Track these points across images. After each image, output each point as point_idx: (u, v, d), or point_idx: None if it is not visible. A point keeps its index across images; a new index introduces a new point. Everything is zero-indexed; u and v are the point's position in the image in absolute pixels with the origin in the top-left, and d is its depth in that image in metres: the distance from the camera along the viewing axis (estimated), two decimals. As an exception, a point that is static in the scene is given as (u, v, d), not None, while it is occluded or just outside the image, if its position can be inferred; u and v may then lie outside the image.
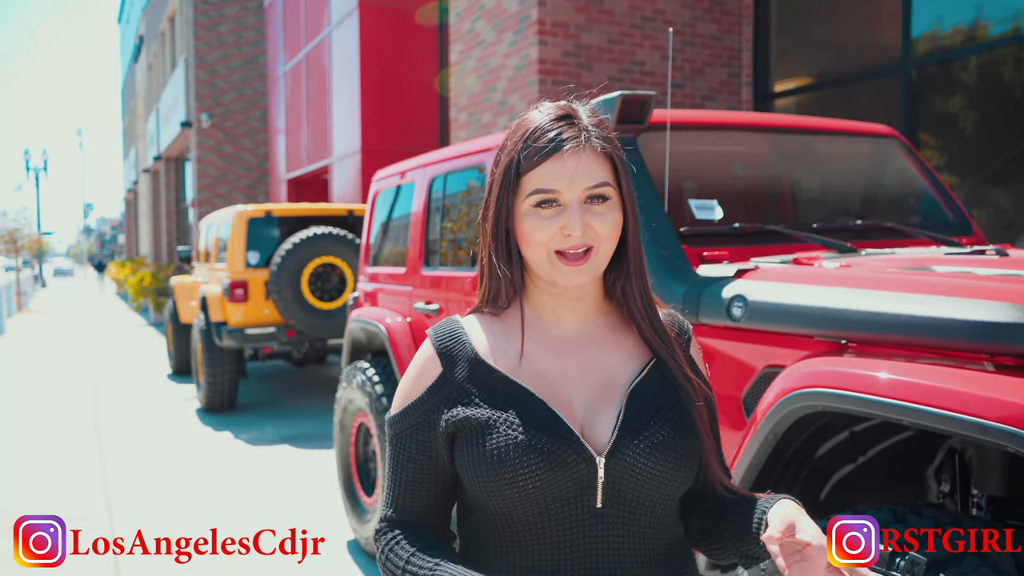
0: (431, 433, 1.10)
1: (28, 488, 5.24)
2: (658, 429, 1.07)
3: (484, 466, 1.04)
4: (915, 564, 1.42)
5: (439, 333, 1.15)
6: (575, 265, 1.06)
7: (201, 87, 18.25)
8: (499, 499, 1.05)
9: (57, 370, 10.73)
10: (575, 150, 1.05)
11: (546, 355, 1.12)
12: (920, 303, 1.67)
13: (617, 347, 1.14)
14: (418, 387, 1.12)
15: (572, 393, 1.10)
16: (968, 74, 5.79)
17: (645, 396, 1.09)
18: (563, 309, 1.13)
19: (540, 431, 1.04)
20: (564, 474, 1.03)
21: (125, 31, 39.62)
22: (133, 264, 25.36)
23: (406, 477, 1.12)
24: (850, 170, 3.13)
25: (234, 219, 7.77)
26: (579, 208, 1.05)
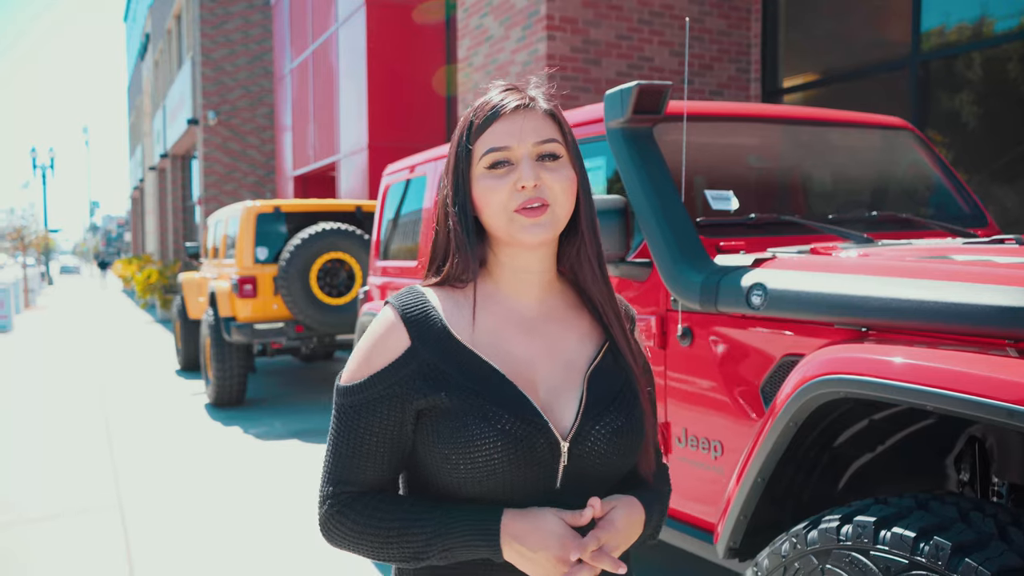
0: (396, 407, 1.06)
1: (39, 481, 5.26)
2: (617, 415, 1.08)
3: (451, 447, 1.03)
4: (940, 549, 1.42)
5: (404, 302, 1.10)
6: (533, 217, 1.05)
7: (208, 84, 18.28)
8: (460, 479, 1.05)
9: (66, 366, 10.77)
10: (521, 109, 1.07)
11: (513, 333, 1.11)
12: (941, 289, 1.67)
13: (574, 328, 1.14)
14: (381, 358, 1.07)
15: (538, 375, 1.09)
16: (976, 70, 5.77)
17: (602, 380, 1.10)
18: (523, 283, 1.12)
19: (512, 415, 1.04)
20: (531, 458, 1.04)
21: (131, 29, 39.70)
22: (140, 261, 25.43)
23: (363, 451, 1.07)
24: (864, 162, 3.13)
25: (243, 215, 7.78)
26: (531, 163, 1.06)
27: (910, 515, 1.53)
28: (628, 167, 2.37)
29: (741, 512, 1.94)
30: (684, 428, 2.31)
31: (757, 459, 1.86)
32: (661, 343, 2.37)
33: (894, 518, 1.53)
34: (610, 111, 2.45)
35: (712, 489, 2.22)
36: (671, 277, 2.20)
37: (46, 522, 4.47)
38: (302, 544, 4.10)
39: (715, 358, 2.19)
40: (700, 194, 2.50)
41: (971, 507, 1.53)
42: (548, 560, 1.00)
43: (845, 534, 1.57)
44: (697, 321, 2.24)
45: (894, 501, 1.61)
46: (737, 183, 2.69)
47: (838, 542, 1.58)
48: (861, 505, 1.63)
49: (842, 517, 1.61)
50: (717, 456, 2.19)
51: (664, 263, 2.22)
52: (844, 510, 1.64)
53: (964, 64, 5.84)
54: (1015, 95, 5.50)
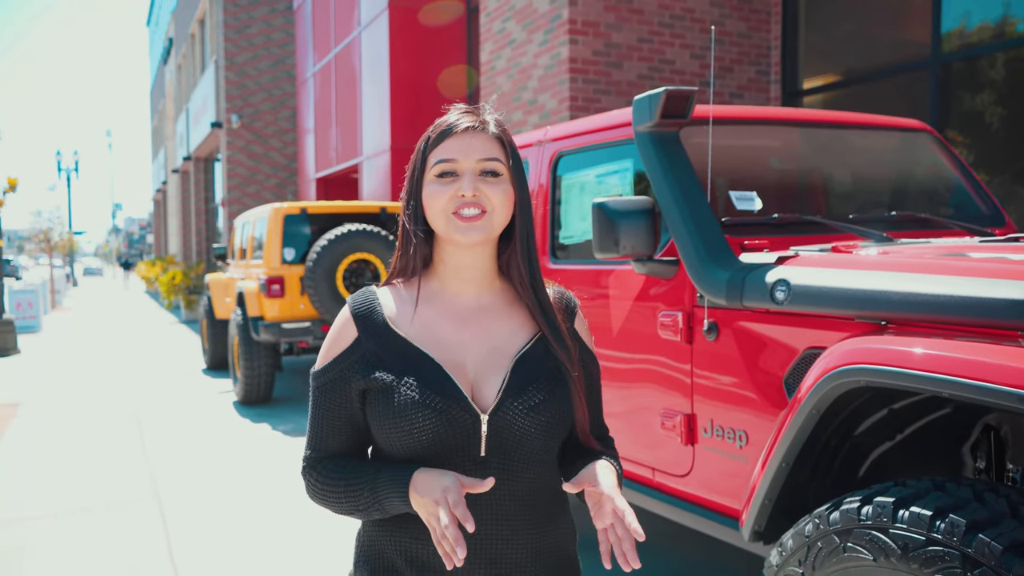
0: (346, 388, 1.27)
1: (78, 475, 5.43)
2: (536, 393, 1.24)
3: (387, 420, 1.22)
4: (955, 526, 1.52)
5: (356, 302, 1.31)
6: (469, 223, 1.22)
7: (231, 88, 18.53)
8: (400, 446, 1.24)
9: (95, 365, 10.99)
10: (471, 130, 1.25)
11: (447, 323, 1.29)
12: (957, 284, 1.76)
13: (509, 320, 1.31)
14: (336, 348, 1.29)
15: (466, 358, 1.27)
16: (998, 70, 5.82)
17: (529, 364, 1.27)
18: (461, 279, 1.30)
19: (434, 391, 1.21)
20: (453, 427, 1.21)
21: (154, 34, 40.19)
22: (163, 263, 25.76)
23: (325, 423, 1.29)
24: (883, 163, 3.21)
25: (271, 216, 7.95)
26: (473, 176, 1.23)
27: (927, 496, 1.62)
28: (656, 169, 2.48)
29: (766, 497, 2.04)
30: (710, 419, 2.41)
31: (781, 446, 1.96)
32: (687, 338, 2.47)
33: (912, 498, 1.63)
34: (638, 115, 2.56)
35: (737, 477, 2.32)
36: (698, 274, 2.30)
37: (87, 514, 4.63)
38: (334, 535, 4.24)
39: (740, 352, 2.29)
40: (723, 195, 2.60)
41: (985, 488, 1.63)
42: (428, 504, 1.14)
43: (866, 514, 1.67)
44: (722, 317, 2.35)
45: (912, 483, 1.71)
46: (759, 184, 2.79)
47: (859, 522, 1.68)
48: (880, 487, 1.73)
49: (863, 498, 1.71)
50: (742, 445, 2.29)
51: (691, 261, 2.32)
52: (864, 492, 1.74)
53: (985, 65, 5.89)
54: (1035, 96, 5.54)
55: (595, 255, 2.48)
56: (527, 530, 1.27)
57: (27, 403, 8.14)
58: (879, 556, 1.62)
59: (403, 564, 1.28)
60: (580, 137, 3.05)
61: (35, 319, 15.92)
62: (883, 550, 1.61)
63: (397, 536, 1.29)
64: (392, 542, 1.29)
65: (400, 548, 1.28)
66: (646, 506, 2.71)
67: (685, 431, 2.48)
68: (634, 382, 2.70)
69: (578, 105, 6.72)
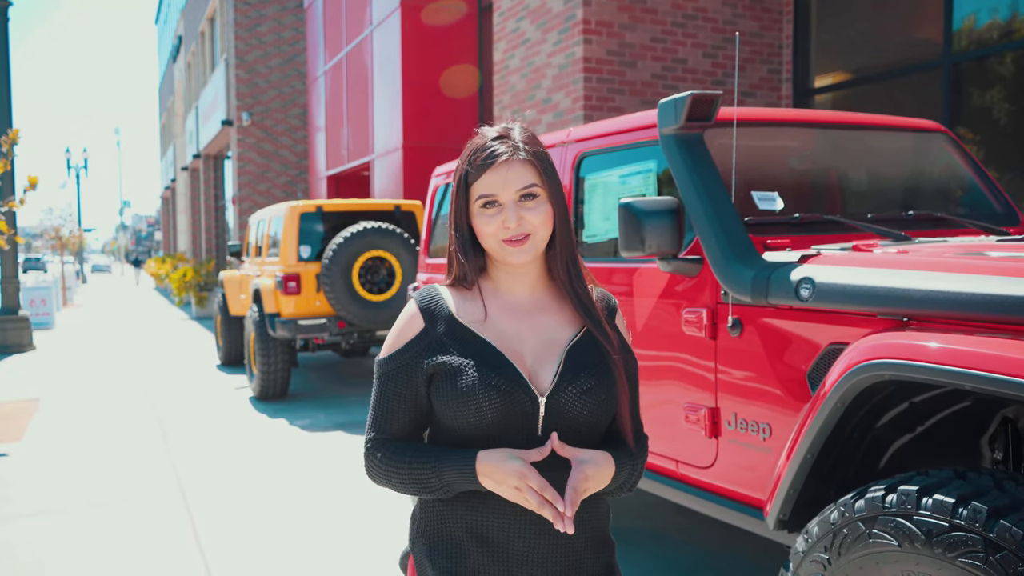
0: (412, 374, 1.39)
1: (102, 468, 5.54)
2: (587, 378, 1.37)
3: (455, 400, 1.34)
4: (977, 512, 1.60)
5: (423, 296, 1.44)
6: (517, 247, 1.37)
7: (241, 86, 18.64)
8: (465, 425, 1.35)
9: (110, 361, 11.12)
10: (507, 161, 1.36)
11: (505, 317, 1.42)
12: (979, 282, 1.84)
13: (559, 314, 1.44)
14: (404, 337, 1.41)
15: (524, 348, 1.40)
16: (1008, 69, 5.87)
17: (580, 353, 1.40)
18: (515, 282, 1.44)
19: (497, 375, 1.34)
20: (515, 408, 1.33)
21: (163, 31, 40.35)
22: (172, 260, 25.92)
23: (391, 407, 1.41)
24: (900, 163, 3.28)
25: (287, 214, 8.04)
26: (514, 206, 1.36)
27: (949, 484, 1.70)
28: (681, 171, 2.56)
29: (791, 487, 2.12)
30: (734, 412, 2.49)
31: (807, 437, 2.04)
32: (712, 334, 2.55)
33: (935, 487, 1.71)
34: (664, 118, 2.63)
35: (761, 468, 2.40)
36: (724, 272, 2.38)
37: (114, 506, 4.73)
38: (359, 528, 4.33)
39: (764, 347, 2.37)
40: (748, 195, 2.67)
41: (1005, 477, 1.70)
42: (509, 488, 1.28)
43: (890, 502, 1.75)
44: (746, 313, 2.42)
45: (934, 473, 1.78)
46: (778, 184, 2.87)
47: (883, 509, 1.76)
48: (904, 477, 1.81)
49: (887, 487, 1.79)
50: (766, 438, 2.37)
51: (717, 260, 2.40)
52: (888, 481, 1.82)
53: (996, 64, 5.94)
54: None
55: (621, 253, 2.56)
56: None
57: (47, 399, 8.26)
58: (904, 542, 1.70)
59: (464, 537, 1.39)
60: (603, 138, 3.13)
61: (49, 316, 16.07)
62: (908, 536, 1.69)
63: (459, 511, 1.40)
64: (455, 516, 1.40)
65: (463, 522, 1.40)
66: (670, 497, 2.79)
67: (709, 424, 2.56)
68: (658, 377, 2.78)
69: (592, 104, 6.79)
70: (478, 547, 1.38)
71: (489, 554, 1.38)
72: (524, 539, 1.37)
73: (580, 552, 1.41)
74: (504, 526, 1.37)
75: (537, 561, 1.38)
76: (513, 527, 1.37)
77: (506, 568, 1.38)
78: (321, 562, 3.85)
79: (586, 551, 1.42)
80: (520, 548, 1.37)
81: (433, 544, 1.43)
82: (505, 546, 1.38)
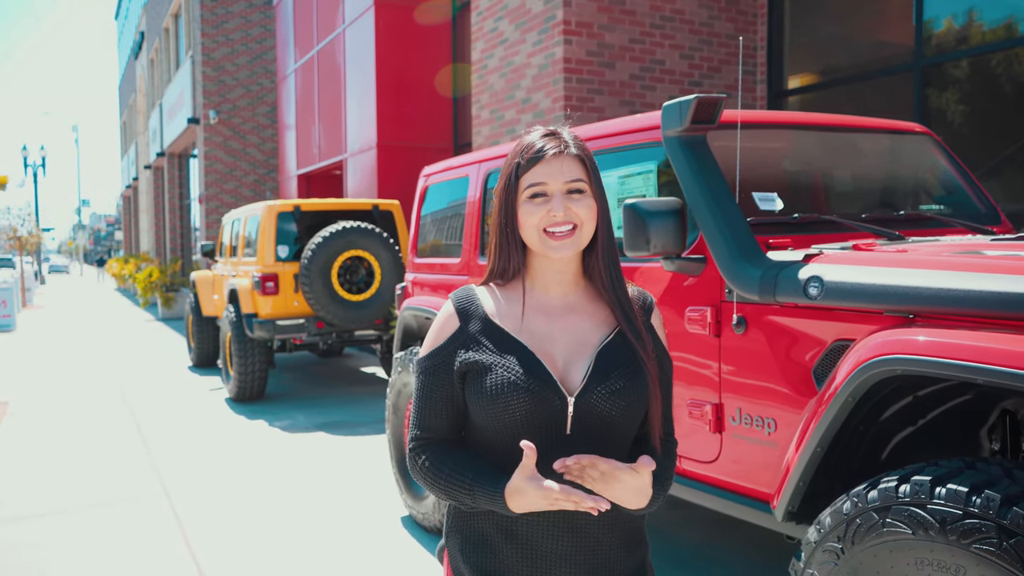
0: (449, 371, 1.42)
1: (82, 471, 5.46)
2: (617, 380, 1.38)
3: (486, 399, 1.37)
4: (990, 500, 1.67)
5: (459, 297, 1.48)
6: (560, 240, 1.39)
7: (208, 84, 18.40)
8: (496, 423, 1.38)
9: (77, 363, 10.92)
10: (557, 154, 1.40)
11: (538, 318, 1.44)
12: (982, 280, 1.92)
13: (593, 315, 1.45)
14: (441, 336, 1.45)
15: (555, 348, 1.42)
16: (978, 72, 6.05)
17: (611, 354, 1.41)
18: (551, 281, 1.45)
19: (528, 374, 1.36)
20: (544, 407, 1.36)
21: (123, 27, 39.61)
22: (136, 260, 25.49)
23: (431, 403, 1.44)
24: (888, 164, 3.38)
25: (264, 214, 7.98)
26: (561, 197, 1.39)
27: (961, 474, 1.77)
28: (686, 172, 2.61)
29: (800, 479, 2.19)
30: (738, 408, 2.55)
31: (818, 431, 2.11)
32: (716, 331, 2.61)
33: (947, 477, 1.78)
34: (668, 120, 2.69)
35: (766, 462, 2.46)
36: (730, 272, 2.44)
37: (98, 509, 4.67)
38: (347, 527, 4.33)
39: (769, 344, 2.43)
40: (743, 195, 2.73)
41: (1013, 466, 1.78)
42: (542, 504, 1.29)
43: (904, 492, 1.82)
44: (750, 311, 2.48)
45: (944, 463, 1.85)
46: (775, 185, 2.94)
47: (897, 499, 1.82)
48: (915, 468, 1.88)
49: (899, 478, 1.86)
50: (771, 432, 2.44)
51: (723, 259, 2.46)
52: (900, 472, 1.89)
53: (966, 67, 6.11)
54: (1015, 98, 5.78)
55: (626, 253, 2.61)
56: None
57: (16, 401, 8.09)
58: (918, 530, 1.76)
59: (494, 532, 1.43)
60: (602, 140, 3.17)
61: (9, 318, 15.72)
62: (922, 524, 1.76)
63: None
64: (486, 512, 1.43)
65: (493, 518, 1.43)
66: (674, 492, 2.84)
67: (713, 420, 2.62)
68: (660, 374, 2.83)
69: (572, 104, 6.85)
70: (507, 543, 1.42)
71: (518, 550, 1.41)
72: (552, 537, 1.40)
73: (611, 551, 1.43)
74: (533, 523, 1.40)
75: (564, 558, 1.40)
76: (541, 524, 1.40)
77: (534, 564, 1.41)
78: (312, 562, 3.85)
79: (617, 550, 1.44)
80: (548, 545, 1.40)
81: (465, 538, 1.47)
82: (533, 542, 1.40)
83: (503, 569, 1.42)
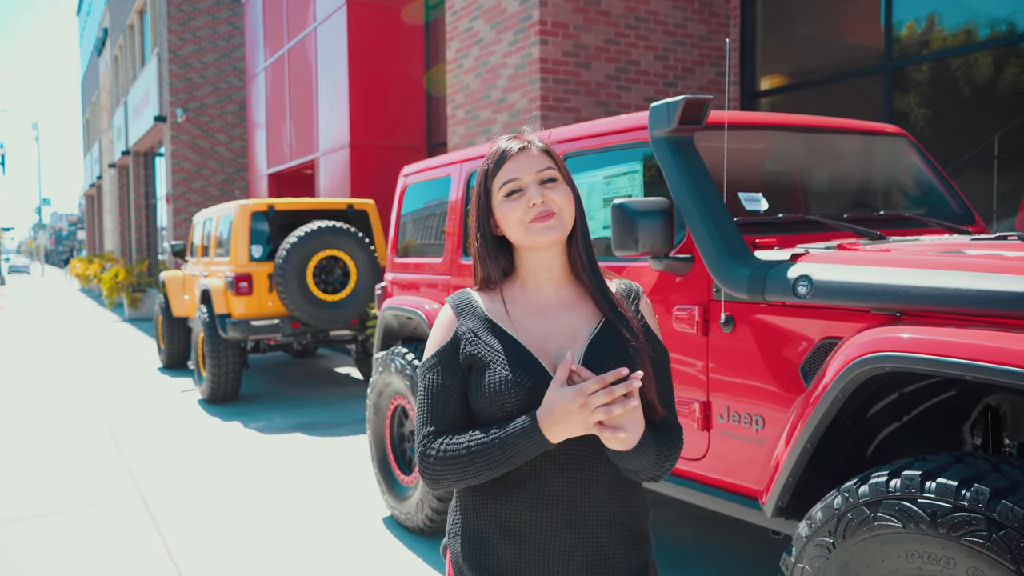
0: (454, 366, 1.45)
1: (55, 476, 5.36)
2: (608, 368, 1.37)
3: (484, 396, 1.40)
4: (980, 494, 1.71)
5: (456, 300, 1.52)
6: (543, 222, 1.42)
7: (175, 81, 18.15)
8: (493, 416, 1.40)
9: (44, 365, 10.71)
10: (523, 150, 1.46)
11: (532, 317, 1.48)
12: (968, 278, 1.96)
13: (583, 309, 1.49)
14: (444, 336, 1.48)
15: (550, 344, 1.45)
16: (946, 74, 6.18)
17: (601, 344, 1.43)
18: (542, 276, 1.48)
19: (524, 372, 1.40)
20: (539, 403, 1.36)
21: (86, 23, 38.87)
22: (101, 260, 25.04)
23: (440, 400, 1.45)
24: (867, 165, 3.44)
25: (237, 213, 7.90)
26: (536, 186, 1.43)
27: (950, 468, 1.82)
28: (674, 173, 2.64)
29: (790, 475, 2.22)
30: (726, 406, 2.59)
31: (807, 428, 2.14)
32: (703, 330, 2.64)
33: (936, 471, 1.82)
34: (656, 121, 2.71)
35: (754, 458, 2.50)
36: (719, 271, 2.47)
37: (75, 514, 4.59)
38: (327, 528, 4.30)
39: (756, 342, 2.47)
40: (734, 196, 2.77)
41: (999, 460, 1.83)
42: (577, 412, 1.29)
43: (894, 487, 1.86)
44: (738, 310, 2.52)
45: (933, 458, 1.90)
46: (758, 186, 2.98)
47: (887, 493, 1.86)
48: (904, 463, 1.92)
49: (890, 473, 1.90)
50: (759, 429, 2.47)
51: (712, 259, 2.49)
52: (890, 467, 1.93)
53: (934, 70, 6.24)
54: (980, 100, 5.91)
55: (615, 252, 2.63)
56: (605, 499, 1.43)
57: (-18, 405, 7.92)
58: (908, 524, 1.80)
59: (493, 528, 1.44)
60: (585, 140, 3.19)
61: (-29, 319, 15.36)
62: (912, 518, 1.80)
63: (489, 505, 1.45)
64: (485, 509, 1.45)
65: (491, 514, 1.44)
66: (661, 490, 2.87)
67: (701, 417, 2.65)
68: (647, 372, 2.85)
69: (549, 105, 6.87)
70: (505, 539, 1.43)
71: (515, 545, 1.42)
72: (549, 531, 1.41)
73: (610, 547, 1.43)
74: (529, 519, 1.41)
75: (561, 552, 1.41)
76: (538, 520, 1.41)
77: (531, 560, 1.42)
78: (296, 563, 3.82)
79: (617, 546, 1.44)
80: (544, 540, 1.41)
81: (465, 536, 1.48)
82: (530, 538, 1.41)
83: (502, 566, 1.43)
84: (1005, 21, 5.77)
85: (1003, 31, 5.80)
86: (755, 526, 2.64)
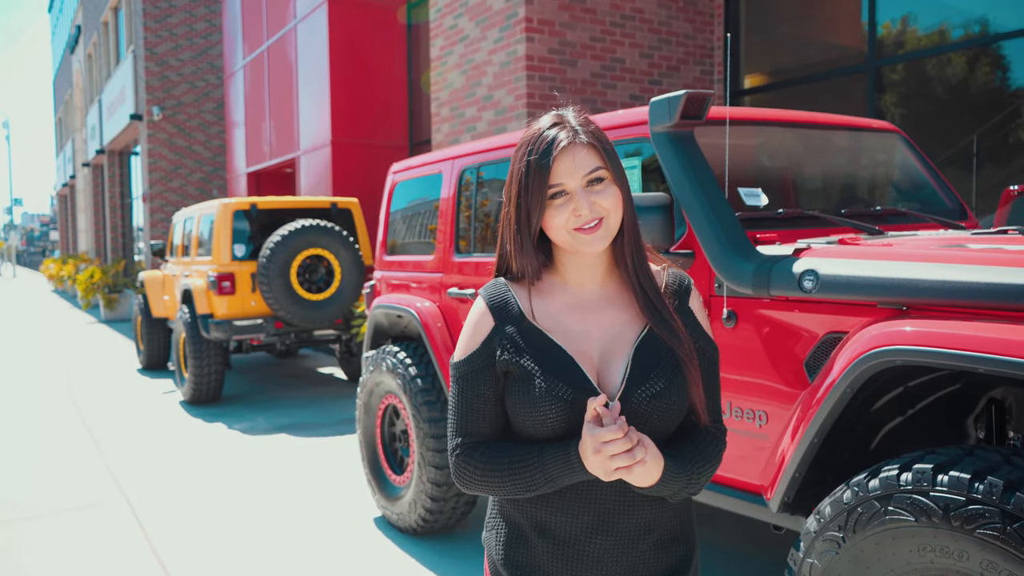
0: (490, 372, 1.37)
1: (38, 478, 5.26)
2: (657, 380, 1.33)
3: (523, 408, 1.33)
4: (993, 486, 1.71)
5: (491, 294, 1.41)
6: (590, 234, 1.32)
7: (151, 79, 17.93)
8: (533, 431, 1.34)
9: (21, 367, 10.52)
10: (569, 147, 1.32)
11: (573, 314, 1.39)
12: (973, 272, 1.96)
13: (628, 308, 1.39)
14: (477, 338, 1.39)
15: (592, 346, 1.37)
16: (929, 73, 6.24)
17: (648, 351, 1.35)
18: (584, 274, 1.39)
19: (565, 382, 1.32)
20: (581, 416, 1.30)
21: (58, 20, 38.28)
22: (75, 260, 24.67)
23: (472, 407, 1.38)
24: (863, 161, 3.46)
25: (219, 212, 7.80)
26: (583, 192, 1.32)
27: (962, 461, 1.82)
28: (675, 168, 2.63)
29: (796, 470, 2.22)
30: (728, 401, 2.58)
31: (815, 423, 2.14)
32: (705, 325, 2.62)
33: (948, 464, 1.82)
34: (656, 116, 2.69)
35: (758, 454, 2.49)
36: (723, 266, 2.46)
37: (57, 516, 4.50)
38: (313, 529, 4.25)
39: (760, 337, 2.46)
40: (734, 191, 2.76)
41: (1011, 453, 1.83)
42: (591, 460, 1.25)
43: (905, 480, 1.85)
44: (741, 305, 2.51)
45: (943, 451, 1.90)
46: (756, 181, 2.98)
47: (899, 487, 1.86)
48: (914, 456, 1.92)
49: (900, 466, 1.89)
50: (762, 424, 2.47)
51: (715, 254, 2.48)
52: (900, 461, 1.92)
53: (917, 69, 6.30)
54: (963, 98, 5.97)
55: (616, 248, 2.61)
56: (643, 505, 1.38)
57: (-43, 408, 7.77)
58: (921, 517, 1.80)
59: (529, 528, 1.41)
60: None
61: (-57, 321, 15.07)
62: (924, 511, 1.79)
63: (524, 505, 1.41)
64: (521, 508, 1.41)
65: (526, 514, 1.41)
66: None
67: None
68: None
69: (535, 102, 6.85)
70: (540, 539, 1.40)
71: (550, 547, 1.39)
72: (585, 537, 1.37)
73: (645, 553, 1.39)
74: (565, 523, 1.38)
75: (596, 559, 1.38)
76: (574, 525, 1.37)
77: (565, 563, 1.39)
78: (286, 565, 3.77)
79: (651, 552, 1.40)
80: (580, 546, 1.38)
81: (501, 531, 1.45)
82: (565, 542, 1.38)
83: (535, 565, 1.40)
84: (987, 20, 5.84)
85: (975, 32, 5.86)
86: (751, 521, 2.64)
